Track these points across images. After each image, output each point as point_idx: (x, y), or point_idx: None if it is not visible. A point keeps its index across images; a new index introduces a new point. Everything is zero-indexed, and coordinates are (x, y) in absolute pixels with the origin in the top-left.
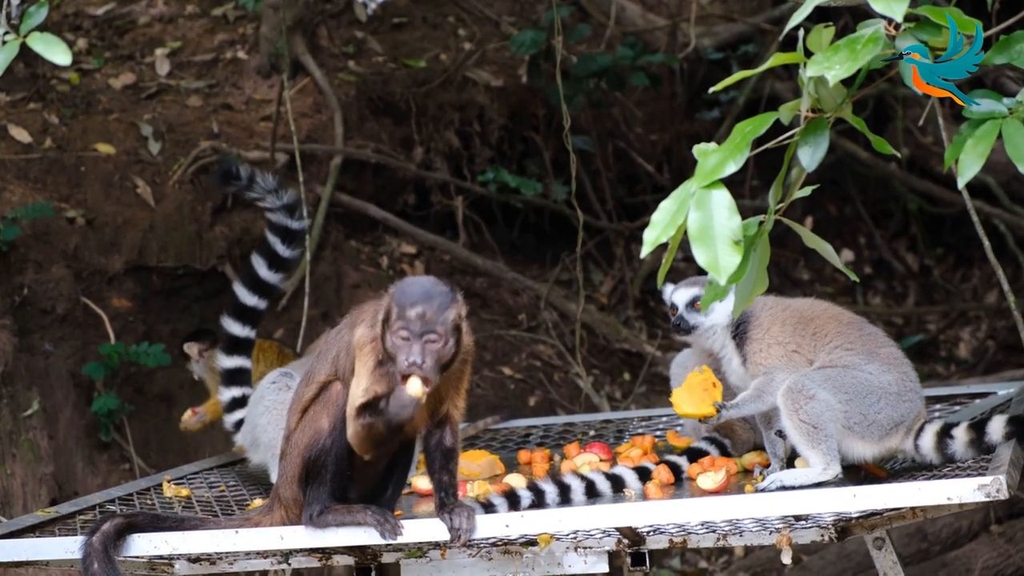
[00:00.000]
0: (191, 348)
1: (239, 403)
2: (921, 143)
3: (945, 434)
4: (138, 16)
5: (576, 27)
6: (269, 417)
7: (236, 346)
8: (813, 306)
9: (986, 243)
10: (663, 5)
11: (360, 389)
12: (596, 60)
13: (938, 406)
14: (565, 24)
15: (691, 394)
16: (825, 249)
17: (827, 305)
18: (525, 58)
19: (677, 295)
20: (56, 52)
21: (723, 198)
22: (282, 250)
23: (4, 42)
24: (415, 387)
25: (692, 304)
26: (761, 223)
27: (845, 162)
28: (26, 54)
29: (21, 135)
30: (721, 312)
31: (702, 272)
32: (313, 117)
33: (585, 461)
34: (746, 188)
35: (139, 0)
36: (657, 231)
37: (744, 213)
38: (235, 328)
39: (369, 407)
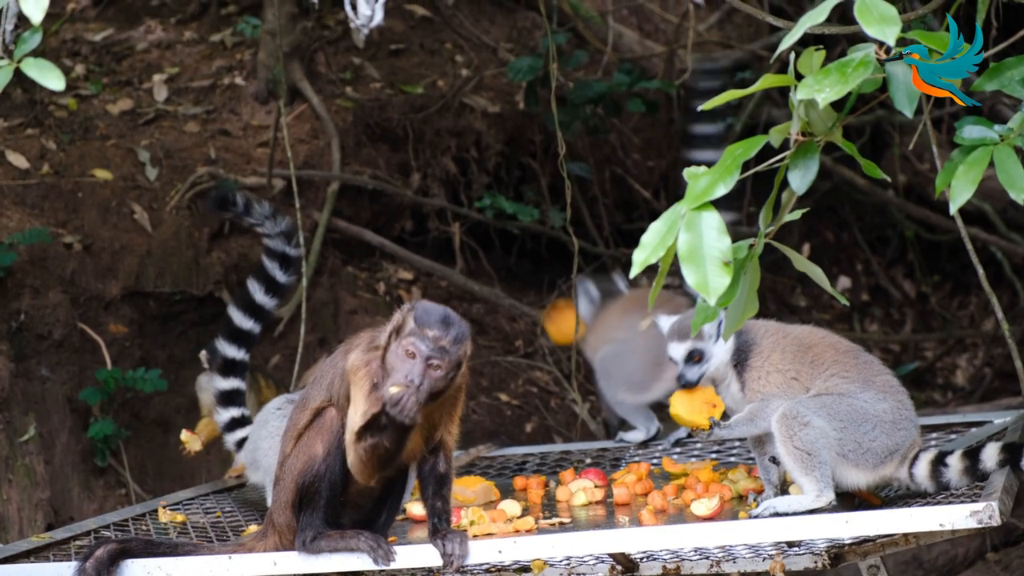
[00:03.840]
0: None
1: (238, 423)
2: (918, 170)
3: (939, 462)
4: (136, 42)
5: (573, 54)
6: (271, 443)
7: (231, 368)
8: (812, 334)
9: (980, 270)
10: (660, 32)
11: (358, 414)
12: (592, 86)
13: (934, 434)
14: (562, 51)
15: (691, 401)
16: (815, 273)
17: (825, 333)
18: (522, 84)
19: (674, 350)
20: (50, 78)
21: (713, 219)
22: (279, 276)
23: None
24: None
25: (691, 357)
26: (751, 246)
27: (842, 189)
28: (24, 80)
29: (19, 161)
30: (718, 357)
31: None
32: (310, 143)
33: (580, 487)
34: (743, 215)
35: (137, 26)
36: (647, 252)
37: (741, 240)
38: (230, 350)
39: (369, 427)
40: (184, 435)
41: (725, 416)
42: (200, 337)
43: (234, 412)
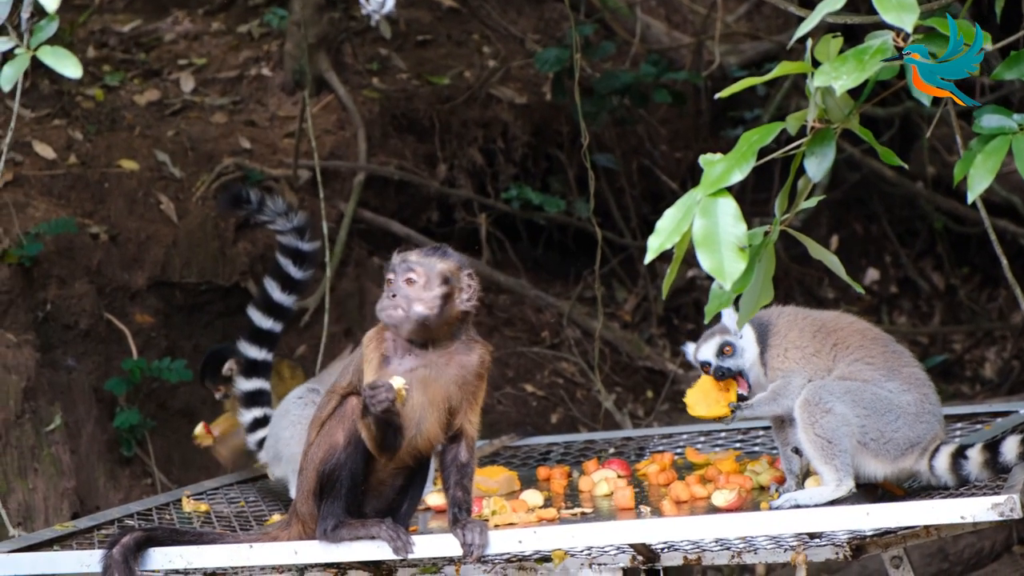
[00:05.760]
0: (230, 369)
1: (260, 423)
2: (947, 162)
3: (960, 455)
4: (164, 33)
5: (601, 45)
6: (293, 431)
7: (254, 369)
8: (839, 319)
9: (1004, 261)
10: (688, 23)
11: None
12: (619, 77)
13: (959, 424)
14: (590, 42)
15: (705, 395)
16: (831, 261)
17: (854, 319)
18: (549, 75)
19: (702, 352)
20: (66, 65)
21: (728, 205)
22: (294, 272)
23: (15, 55)
24: (396, 381)
25: (722, 351)
26: (766, 233)
27: (871, 181)
28: (52, 71)
29: (45, 151)
30: (749, 350)
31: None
32: (336, 134)
33: (603, 477)
34: (770, 207)
35: (164, 17)
36: (661, 238)
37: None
38: (252, 351)
39: (365, 409)
40: (197, 430)
41: (742, 397)
42: (226, 327)
43: (257, 413)
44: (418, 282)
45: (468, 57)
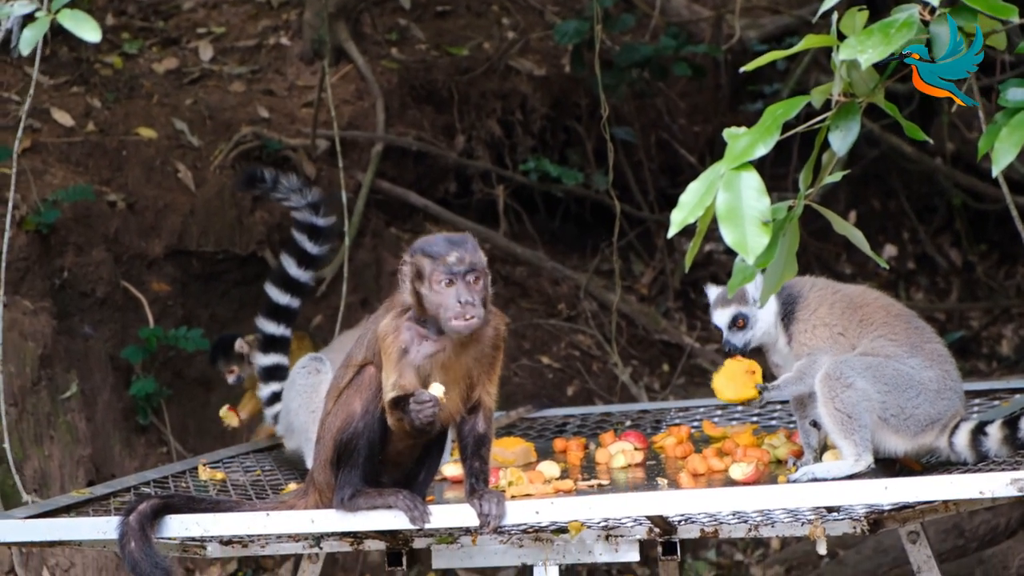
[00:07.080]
0: (242, 346)
1: (278, 397)
2: (967, 138)
3: (979, 431)
4: (182, 1)
5: (620, 17)
6: (300, 401)
7: (272, 344)
8: (865, 294)
9: None
10: None
11: (389, 383)
12: (638, 50)
13: (977, 401)
14: (610, 14)
15: (731, 379)
16: (855, 235)
17: (879, 294)
18: (569, 47)
19: (717, 316)
20: (86, 29)
21: (752, 179)
22: (310, 247)
23: (35, 18)
24: (436, 389)
25: (734, 323)
26: (790, 207)
27: (889, 157)
28: (70, 38)
29: (64, 118)
30: (764, 320)
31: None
32: (355, 104)
33: (619, 449)
34: (788, 181)
35: None
36: (685, 212)
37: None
38: (270, 327)
39: (398, 404)
40: (223, 411)
41: (766, 377)
42: (242, 296)
43: (275, 387)
44: (481, 281)
45: (487, 28)
